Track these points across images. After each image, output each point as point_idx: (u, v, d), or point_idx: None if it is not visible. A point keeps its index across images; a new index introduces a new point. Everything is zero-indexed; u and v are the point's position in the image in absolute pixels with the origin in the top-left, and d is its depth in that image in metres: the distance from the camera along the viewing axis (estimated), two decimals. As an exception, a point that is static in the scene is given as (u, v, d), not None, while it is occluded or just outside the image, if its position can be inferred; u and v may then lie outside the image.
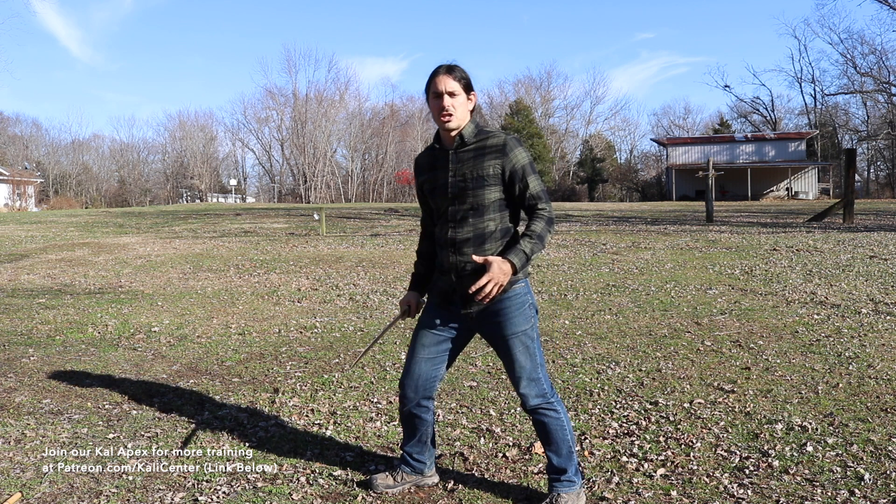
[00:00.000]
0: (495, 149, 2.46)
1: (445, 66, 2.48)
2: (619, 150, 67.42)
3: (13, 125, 62.72)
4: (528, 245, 2.41)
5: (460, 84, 2.46)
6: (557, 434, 2.56)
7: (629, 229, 16.10)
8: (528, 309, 2.52)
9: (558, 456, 2.58)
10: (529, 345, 2.52)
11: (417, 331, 2.67)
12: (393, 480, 2.80)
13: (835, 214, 18.41)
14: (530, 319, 2.52)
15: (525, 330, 2.50)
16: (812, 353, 4.78)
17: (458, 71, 2.48)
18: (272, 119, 65.92)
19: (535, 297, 7.37)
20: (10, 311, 6.90)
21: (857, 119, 58.36)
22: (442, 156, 2.55)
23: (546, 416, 2.55)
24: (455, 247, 2.51)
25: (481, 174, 2.45)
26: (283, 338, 5.72)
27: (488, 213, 2.48)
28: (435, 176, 2.56)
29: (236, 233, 16.75)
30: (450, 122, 2.46)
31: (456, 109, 2.45)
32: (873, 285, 7.52)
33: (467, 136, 2.50)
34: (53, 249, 12.91)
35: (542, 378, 2.55)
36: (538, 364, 2.54)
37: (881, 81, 49.40)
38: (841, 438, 3.26)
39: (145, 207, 41.31)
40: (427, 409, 2.71)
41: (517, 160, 2.46)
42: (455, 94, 2.45)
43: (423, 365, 2.63)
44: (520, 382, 2.53)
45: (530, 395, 2.53)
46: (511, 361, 2.53)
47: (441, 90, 2.44)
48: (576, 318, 6.23)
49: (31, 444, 3.37)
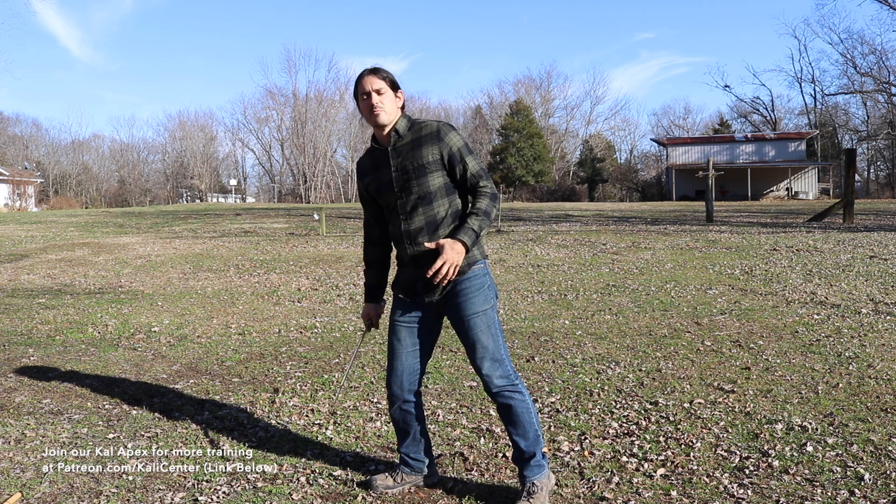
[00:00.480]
0: (430, 136, 2.54)
1: (369, 69, 2.57)
2: (619, 150, 67.48)
3: (13, 125, 62.78)
4: (475, 222, 2.48)
5: (385, 82, 2.55)
6: (524, 417, 2.58)
7: (629, 229, 16.11)
8: (488, 290, 2.57)
9: (525, 440, 2.59)
10: (491, 325, 2.55)
11: (391, 329, 2.71)
12: (392, 481, 2.81)
13: (835, 214, 18.41)
14: (490, 300, 2.57)
15: (485, 310, 2.54)
16: (812, 353, 4.78)
17: (382, 71, 2.57)
18: (272, 119, 66.02)
19: (536, 297, 7.38)
20: (10, 311, 6.90)
21: (857, 119, 58.44)
22: (381, 154, 2.63)
23: (512, 399, 2.56)
24: (410, 238, 2.58)
25: (421, 163, 2.53)
26: (283, 338, 5.72)
27: (437, 200, 2.54)
28: (379, 175, 2.64)
29: (236, 233, 16.75)
30: (380, 117, 2.53)
31: (384, 105, 2.53)
32: (873, 285, 7.52)
33: (402, 129, 2.58)
34: (53, 249, 12.91)
35: (506, 359, 2.58)
36: (501, 345, 2.57)
37: (881, 81, 49.42)
38: (841, 438, 3.26)
39: (145, 207, 41.32)
40: (414, 403, 2.74)
41: (452, 143, 2.54)
42: (382, 92, 2.53)
43: (404, 359, 2.68)
44: (483, 363, 2.54)
45: (494, 375, 2.54)
46: (473, 342, 2.54)
47: (368, 89, 2.53)
48: (576, 318, 6.23)
49: (31, 444, 3.37)
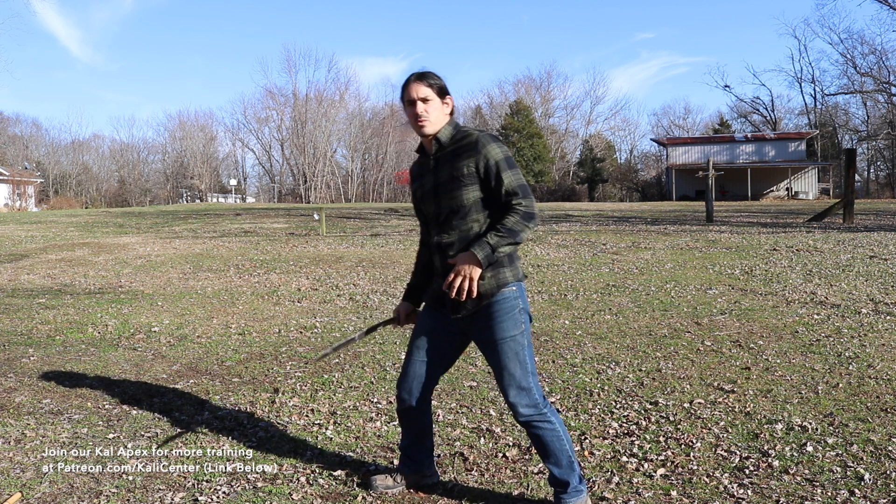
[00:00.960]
0: (468, 147, 2.45)
1: (416, 74, 2.51)
2: (619, 150, 67.44)
3: (13, 125, 62.73)
4: (493, 237, 2.36)
5: (433, 89, 2.49)
6: (554, 445, 2.49)
7: (629, 229, 16.10)
8: (519, 314, 2.47)
9: (559, 468, 2.51)
10: (519, 351, 2.45)
11: (414, 333, 2.69)
12: (392, 481, 2.80)
13: (835, 214, 18.40)
14: (520, 325, 2.47)
15: (514, 336, 2.45)
16: (812, 353, 4.78)
17: (431, 77, 2.51)
18: (272, 119, 65.95)
19: (536, 297, 7.37)
20: (10, 311, 6.90)
21: (857, 119, 58.41)
22: (426, 162, 2.60)
23: (540, 429, 2.48)
24: (441, 250, 2.52)
25: (456, 175, 2.45)
26: (283, 338, 5.72)
27: (471, 215, 2.46)
28: (423, 183, 2.60)
29: (236, 233, 16.75)
30: (424, 128, 2.48)
31: (430, 114, 2.48)
32: (873, 285, 7.52)
33: (444, 139, 2.52)
34: (53, 249, 12.91)
35: (533, 387, 2.47)
36: (528, 372, 2.46)
37: (881, 81, 49.41)
38: (841, 438, 3.26)
39: (145, 207, 41.32)
40: (422, 411, 2.70)
41: (490, 156, 2.42)
42: (428, 100, 2.48)
43: (417, 367, 2.64)
44: (509, 391, 2.46)
45: (520, 404, 2.45)
46: (500, 369, 2.46)
47: (414, 97, 2.47)
48: (576, 318, 6.23)
49: (31, 444, 3.37)
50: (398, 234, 15.86)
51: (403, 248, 12.48)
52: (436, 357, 2.64)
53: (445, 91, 2.53)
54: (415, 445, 2.79)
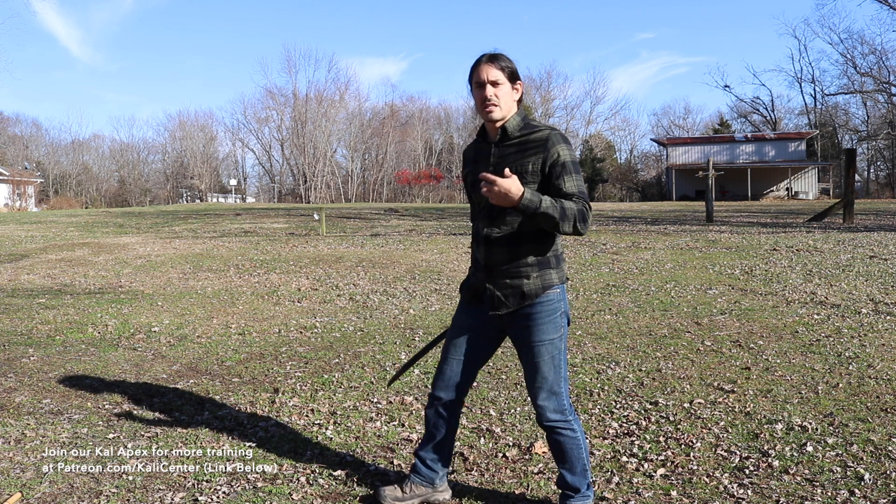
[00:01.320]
0: (537, 143, 2.32)
1: (488, 55, 2.35)
2: (619, 150, 67.45)
3: (13, 125, 62.75)
4: (548, 200, 2.18)
5: (504, 73, 2.34)
6: (573, 453, 2.47)
7: (629, 229, 16.10)
8: (560, 318, 2.41)
9: (572, 474, 2.49)
10: (556, 355, 2.40)
11: (450, 331, 2.62)
12: (402, 493, 2.67)
13: (835, 214, 18.40)
14: (560, 329, 2.41)
15: (553, 339, 2.39)
16: (812, 353, 4.78)
17: (502, 59, 2.35)
18: (272, 119, 65.96)
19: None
20: (10, 311, 6.90)
21: (857, 119, 58.42)
22: (485, 149, 2.45)
23: (562, 436, 2.45)
24: (488, 245, 2.41)
25: (521, 170, 2.31)
26: (283, 338, 5.72)
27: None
28: (477, 169, 2.44)
29: (236, 233, 16.75)
30: (493, 113, 2.35)
31: (500, 99, 2.34)
32: (873, 285, 7.52)
33: (511, 129, 2.38)
34: (53, 249, 12.91)
35: (563, 393, 2.43)
36: (561, 377, 2.42)
37: (881, 81, 49.41)
38: (841, 438, 3.26)
39: (145, 207, 41.32)
40: (454, 412, 2.62)
41: (559, 155, 2.30)
42: (499, 84, 2.33)
43: (454, 366, 2.56)
44: (539, 394, 2.41)
45: (548, 408, 2.41)
46: (534, 371, 2.42)
47: (484, 79, 2.33)
48: (576, 318, 6.23)
49: (31, 444, 3.37)
50: (398, 234, 15.86)
51: (403, 248, 12.48)
52: (472, 356, 2.56)
53: (517, 76, 2.39)
54: (433, 449, 2.66)
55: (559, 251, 2.45)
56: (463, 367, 2.56)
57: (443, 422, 2.62)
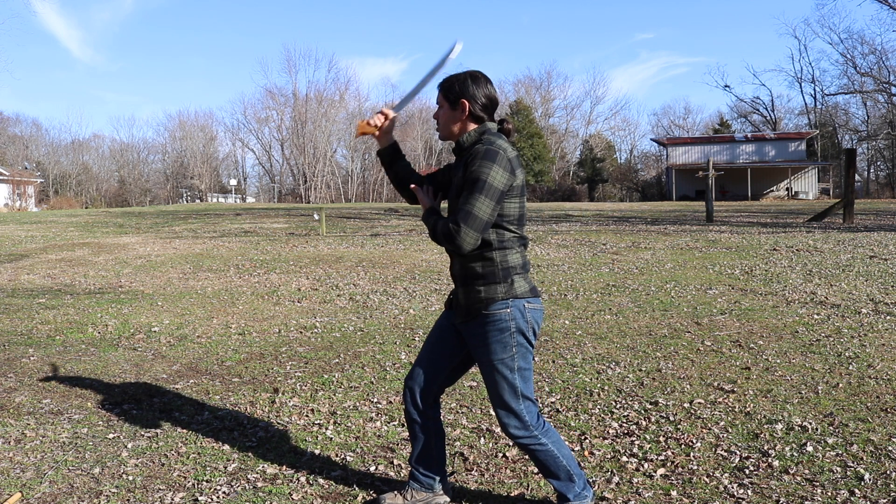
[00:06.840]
0: (470, 155, 2.37)
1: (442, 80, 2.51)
2: (619, 150, 67.49)
3: (13, 125, 62.72)
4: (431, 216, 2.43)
5: (442, 95, 2.49)
6: (550, 463, 2.46)
7: (629, 229, 16.10)
8: (510, 336, 2.35)
9: (558, 480, 2.50)
10: (508, 375, 2.37)
11: (430, 332, 2.68)
12: (402, 499, 2.68)
13: (835, 214, 18.40)
14: (510, 348, 2.35)
15: (502, 359, 2.36)
16: (812, 353, 4.78)
17: (445, 82, 2.49)
18: (272, 119, 65.96)
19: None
20: (10, 311, 6.90)
21: (857, 119, 58.43)
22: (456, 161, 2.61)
23: (532, 450, 2.46)
24: (449, 253, 2.49)
25: (458, 183, 2.40)
26: (283, 338, 5.72)
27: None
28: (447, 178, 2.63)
29: (236, 233, 16.74)
30: (438, 134, 2.56)
31: (438, 122, 2.52)
32: (873, 285, 7.52)
33: (464, 143, 2.48)
34: (53, 249, 12.91)
35: (523, 411, 2.40)
36: (518, 396, 2.39)
37: (881, 81, 49.41)
38: (841, 438, 3.26)
39: (145, 207, 41.31)
40: (426, 415, 2.63)
41: (472, 169, 2.30)
42: (441, 107, 2.50)
43: (424, 362, 2.62)
44: (497, 411, 2.44)
45: (509, 424, 2.42)
46: (488, 387, 2.44)
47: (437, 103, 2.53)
48: (576, 318, 6.23)
49: (31, 444, 3.37)
50: (398, 234, 15.86)
51: (403, 248, 12.47)
52: (441, 357, 2.60)
53: (460, 95, 2.44)
54: (423, 457, 2.66)
55: (510, 265, 2.38)
56: (432, 366, 2.62)
57: (419, 427, 2.63)
